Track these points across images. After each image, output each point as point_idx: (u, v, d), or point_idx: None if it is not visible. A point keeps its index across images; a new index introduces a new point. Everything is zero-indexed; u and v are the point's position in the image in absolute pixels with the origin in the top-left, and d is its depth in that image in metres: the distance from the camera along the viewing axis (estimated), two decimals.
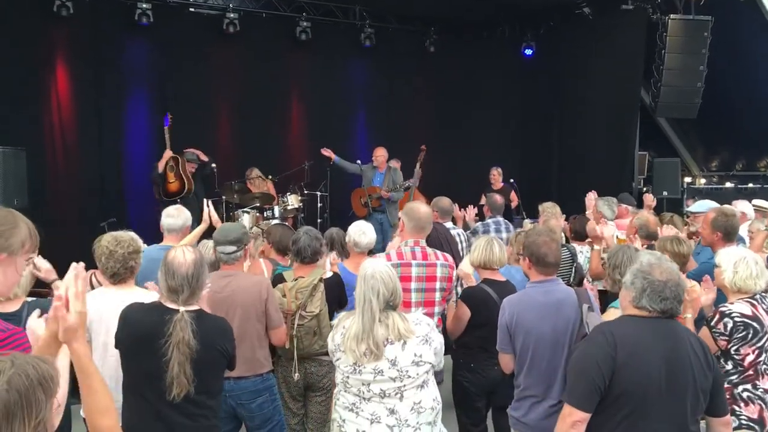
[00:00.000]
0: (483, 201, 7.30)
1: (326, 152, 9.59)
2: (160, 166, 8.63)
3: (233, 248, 3.87)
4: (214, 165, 9.09)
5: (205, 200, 5.15)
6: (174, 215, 4.76)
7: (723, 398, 2.76)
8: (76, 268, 1.99)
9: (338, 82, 11.46)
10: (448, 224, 5.94)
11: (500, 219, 6.62)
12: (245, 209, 9.08)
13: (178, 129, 9.88)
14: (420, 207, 4.17)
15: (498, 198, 6.75)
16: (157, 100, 10.25)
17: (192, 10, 10.62)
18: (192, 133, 9.79)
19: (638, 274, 2.69)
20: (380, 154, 9.61)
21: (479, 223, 6.65)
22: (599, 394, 2.56)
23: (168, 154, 8.71)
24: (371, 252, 5.02)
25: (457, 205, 6.51)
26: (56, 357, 2.04)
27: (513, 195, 9.77)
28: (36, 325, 2.09)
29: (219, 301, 3.66)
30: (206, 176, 9.08)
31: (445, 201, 6.12)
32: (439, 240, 5.28)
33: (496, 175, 10.09)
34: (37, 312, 2.91)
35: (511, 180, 9.99)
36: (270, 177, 9.79)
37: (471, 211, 6.76)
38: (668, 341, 2.61)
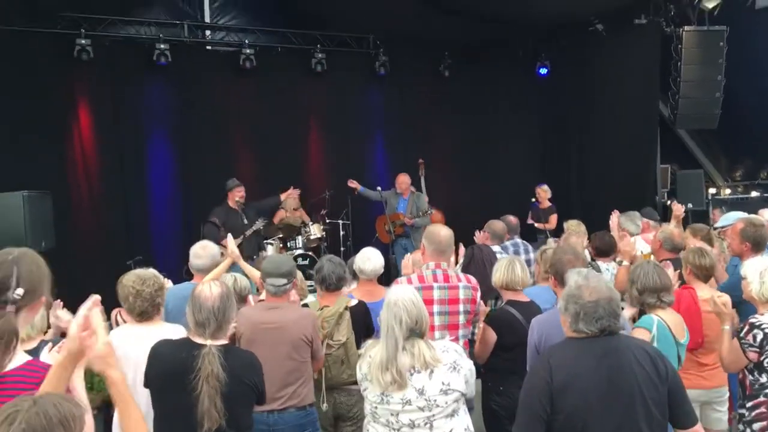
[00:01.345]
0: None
1: (352, 184, 9.75)
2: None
3: (284, 281, 3.90)
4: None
5: (229, 235, 5.15)
6: (201, 255, 4.78)
7: (687, 408, 2.73)
8: (93, 300, 2.07)
9: (355, 111, 11.57)
10: (496, 248, 5.92)
11: (518, 240, 6.58)
12: (269, 241, 9.15)
13: (196, 161, 10.00)
14: (440, 230, 4.18)
15: (512, 219, 6.73)
16: (177, 137, 10.42)
17: (209, 48, 10.84)
18: (211, 168, 9.95)
19: (569, 299, 2.71)
20: (403, 180, 9.74)
21: (497, 246, 6.63)
22: (542, 421, 2.59)
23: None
24: (390, 277, 5.02)
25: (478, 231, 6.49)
26: (77, 389, 2.11)
27: (553, 218, 9.64)
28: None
29: (266, 332, 3.68)
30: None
31: (498, 225, 6.14)
32: (483, 262, 5.28)
33: (542, 194, 9.90)
34: (48, 346, 2.98)
35: (534, 200, 9.94)
36: (294, 208, 9.86)
37: (480, 236, 6.75)
38: (608, 358, 2.62)
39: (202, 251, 4.81)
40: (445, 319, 4.01)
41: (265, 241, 9.10)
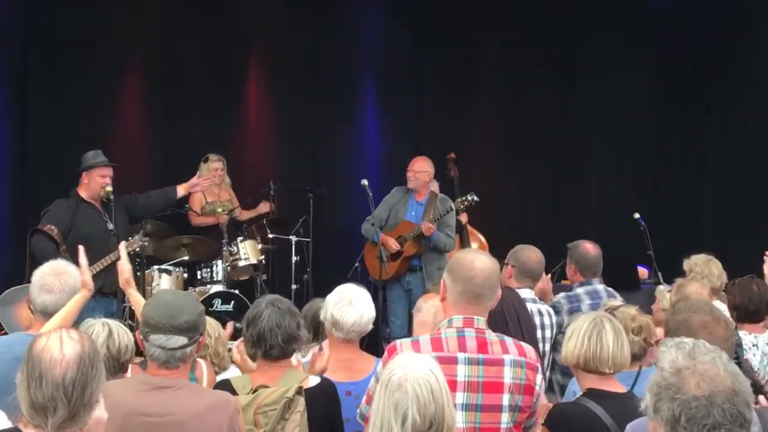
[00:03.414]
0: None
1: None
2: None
3: (183, 340, 3.83)
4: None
5: (80, 248, 5.07)
6: (53, 288, 4.69)
7: None
8: None
9: (333, 42, 11.63)
10: (526, 293, 5.94)
11: (598, 286, 6.61)
12: (163, 266, 9.18)
13: (50, 119, 10.02)
14: (475, 260, 4.14)
15: (591, 248, 6.74)
16: (17, 76, 10.40)
17: None
18: (75, 133, 9.97)
19: (663, 393, 2.69)
20: (422, 168, 9.26)
21: (561, 295, 6.64)
22: None
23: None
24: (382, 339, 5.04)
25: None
26: None
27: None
28: None
29: (146, 429, 3.68)
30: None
31: (531, 253, 6.17)
32: (503, 316, 5.26)
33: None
34: None
35: (636, 216, 10.01)
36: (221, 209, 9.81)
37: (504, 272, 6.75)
38: None
39: (54, 279, 4.73)
40: (476, 418, 4.00)
41: (157, 268, 9.12)
